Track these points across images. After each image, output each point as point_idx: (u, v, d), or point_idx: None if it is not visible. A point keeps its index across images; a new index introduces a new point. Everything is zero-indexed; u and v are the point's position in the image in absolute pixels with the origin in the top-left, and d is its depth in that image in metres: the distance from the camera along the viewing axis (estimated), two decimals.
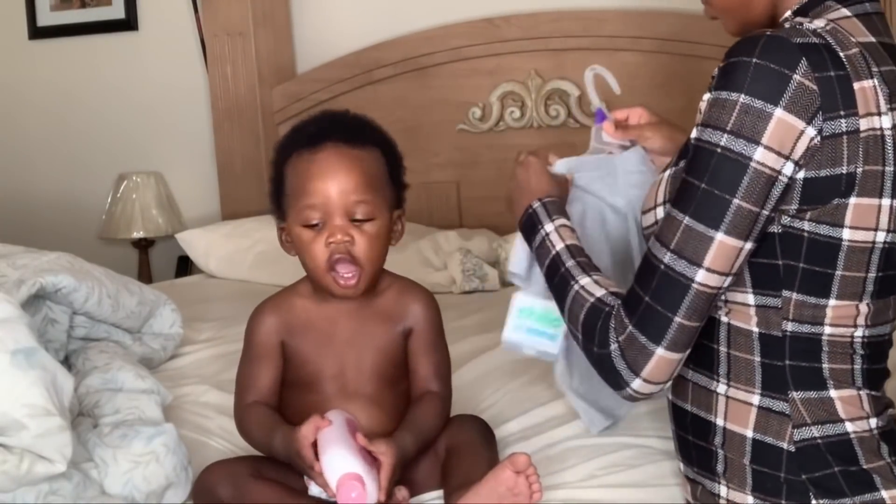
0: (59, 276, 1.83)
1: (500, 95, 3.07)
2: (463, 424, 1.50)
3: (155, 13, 3.59)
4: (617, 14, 2.92)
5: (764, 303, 1.24)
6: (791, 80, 1.15)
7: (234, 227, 3.09)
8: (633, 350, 1.22)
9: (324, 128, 1.47)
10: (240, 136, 3.33)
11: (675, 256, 1.20)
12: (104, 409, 1.58)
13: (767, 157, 1.16)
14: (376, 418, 1.47)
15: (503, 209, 1.60)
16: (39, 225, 3.76)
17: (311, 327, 1.49)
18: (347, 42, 3.28)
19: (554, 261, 1.38)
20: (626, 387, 1.24)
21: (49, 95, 3.76)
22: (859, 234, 1.20)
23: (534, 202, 1.45)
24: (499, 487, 1.29)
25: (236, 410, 1.51)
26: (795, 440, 1.24)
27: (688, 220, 1.19)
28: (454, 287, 2.69)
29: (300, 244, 1.45)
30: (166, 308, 2.11)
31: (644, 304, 1.22)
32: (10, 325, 1.38)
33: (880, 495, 1.22)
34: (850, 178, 1.17)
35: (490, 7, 3.08)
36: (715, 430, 1.29)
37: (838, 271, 1.21)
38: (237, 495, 1.40)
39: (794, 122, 1.15)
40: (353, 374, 1.48)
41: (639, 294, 1.23)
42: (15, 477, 1.30)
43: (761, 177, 1.16)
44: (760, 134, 1.15)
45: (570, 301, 1.32)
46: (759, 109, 1.15)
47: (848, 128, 1.16)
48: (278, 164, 1.48)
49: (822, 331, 1.23)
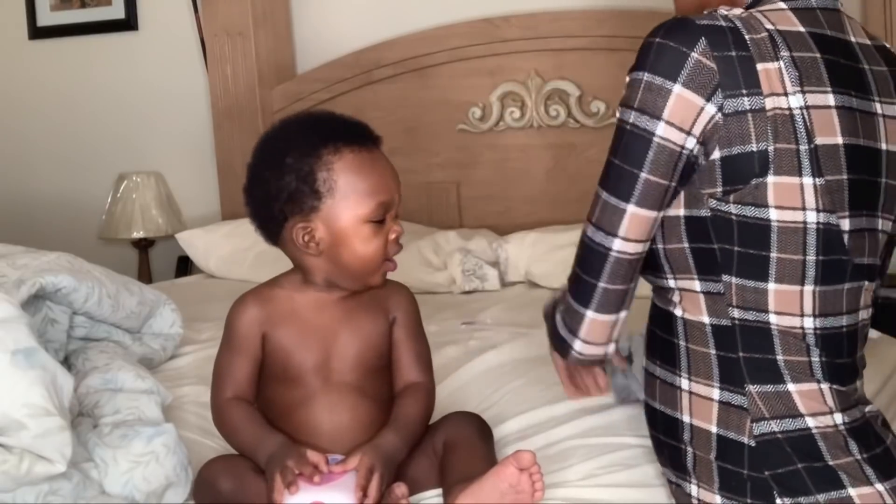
0: (59, 276, 1.82)
1: (500, 95, 3.07)
2: (460, 421, 1.50)
3: (155, 13, 3.59)
4: (617, 14, 2.92)
5: (708, 289, 1.27)
6: (689, 57, 1.21)
7: (234, 227, 3.09)
8: (569, 316, 1.34)
9: (357, 127, 1.48)
10: (240, 136, 3.32)
11: (594, 228, 1.29)
12: (104, 410, 1.58)
13: (669, 131, 1.22)
14: (363, 408, 1.47)
15: (503, 209, 1.60)
16: (39, 225, 3.76)
17: (295, 318, 1.48)
18: (347, 42, 3.28)
19: None
20: (570, 350, 1.36)
21: (49, 95, 3.76)
22: (787, 214, 1.22)
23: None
24: (501, 484, 1.29)
25: (214, 403, 1.50)
26: (755, 434, 1.25)
27: (605, 195, 1.27)
28: (454, 287, 2.69)
29: (351, 236, 1.44)
30: (166, 308, 2.11)
31: (574, 273, 1.33)
32: (9, 325, 1.38)
33: (847, 493, 1.22)
34: (762, 157, 1.20)
35: (490, 7, 3.08)
36: (682, 427, 1.31)
37: (773, 253, 1.23)
38: (237, 488, 1.40)
39: (692, 97, 1.21)
40: (337, 364, 1.48)
41: (574, 268, 1.34)
42: (15, 477, 1.30)
43: (664, 150, 1.22)
44: (661, 110, 1.22)
45: None
46: (658, 86, 1.22)
47: (752, 106, 1.20)
48: (306, 163, 1.43)
49: (768, 319, 1.25)
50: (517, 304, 2.55)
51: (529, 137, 3.04)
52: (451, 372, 1.91)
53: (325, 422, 1.46)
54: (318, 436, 1.44)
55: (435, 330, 2.00)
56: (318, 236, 1.44)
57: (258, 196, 1.46)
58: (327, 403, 1.46)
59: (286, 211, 1.44)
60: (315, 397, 1.46)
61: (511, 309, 2.48)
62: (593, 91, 2.97)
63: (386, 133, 1.53)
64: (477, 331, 2.25)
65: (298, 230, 1.44)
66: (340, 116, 1.50)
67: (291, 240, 1.46)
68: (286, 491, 1.32)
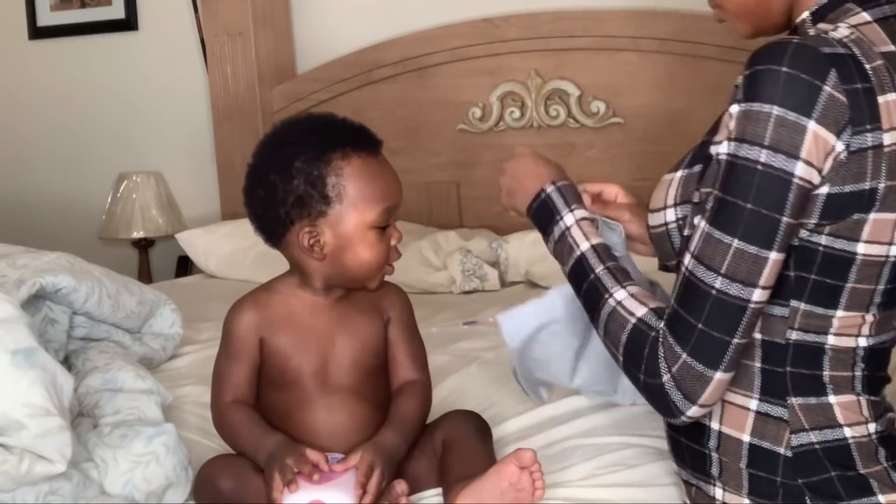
0: (59, 276, 1.82)
1: (500, 95, 3.07)
2: (459, 419, 1.51)
3: (155, 13, 3.59)
4: (617, 14, 2.92)
5: (772, 311, 1.22)
6: (821, 91, 1.11)
7: (234, 227, 3.09)
8: (689, 379, 1.18)
9: (364, 132, 1.47)
10: (240, 136, 3.32)
11: (727, 280, 1.16)
12: (104, 410, 1.58)
13: (806, 171, 1.12)
14: (361, 410, 1.47)
15: (503, 209, 1.60)
16: (39, 225, 3.76)
17: (292, 322, 1.48)
18: (347, 42, 3.28)
19: (580, 263, 1.34)
20: (680, 415, 1.21)
21: (49, 95, 3.76)
22: (874, 249, 1.18)
23: (546, 186, 1.40)
24: (502, 482, 1.29)
25: (214, 408, 1.50)
26: (793, 445, 1.22)
27: (737, 243, 1.15)
28: (454, 287, 2.70)
29: (356, 242, 1.43)
30: (166, 308, 2.11)
31: (697, 331, 1.17)
32: (9, 325, 1.38)
33: (877, 499, 1.21)
34: (871, 194, 1.15)
35: (490, 7, 3.08)
36: (709, 434, 1.28)
37: (849, 283, 1.19)
38: (238, 488, 1.40)
39: (825, 135, 1.12)
40: (335, 367, 1.48)
41: (688, 320, 1.18)
42: (15, 477, 1.30)
43: (801, 191, 1.13)
44: (798, 148, 1.11)
45: (605, 316, 1.28)
46: (793, 122, 1.11)
47: (873, 142, 1.13)
48: (315, 167, 1.42)
49: (826, 340, 1.22)
50: (517, 304, 2.54)
51: (529, 137, 3.04)
52: (451, 372, 1.91)
53: (324, 424, 1.46)
54: (317, 438, 1.44)
55: (436, 331, 2.00)
56: (324, 241, 1.43)
57: (262, 198, 1.45)
58: (325, 406, 1.46)
59: (292, 215, 1.43)
60: (313, 400, 1.46)
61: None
62: (593, 91, 2.97)
63: (386, 133, 1.53)
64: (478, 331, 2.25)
65: (304, 234, 1.43)
66: (344, 120, 1.49)
67: (295, 243, 1.45)
68: (286, 490, 1.32)
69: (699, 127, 3.07)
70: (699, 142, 1.30)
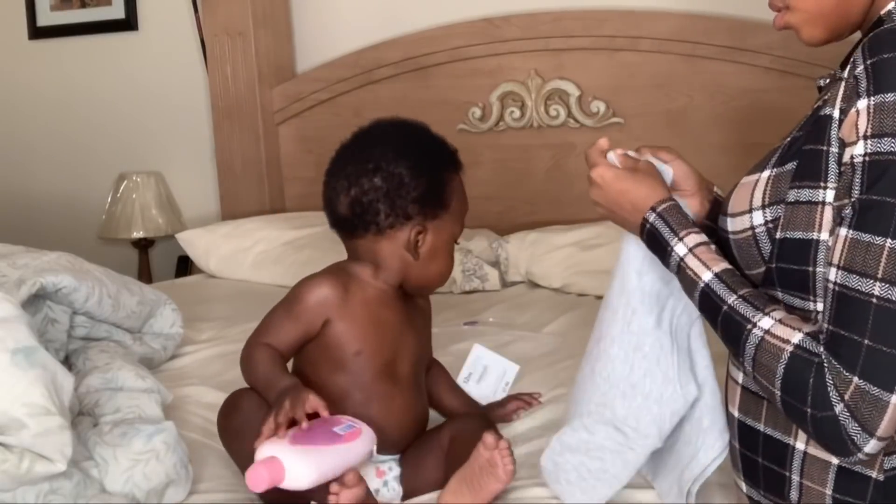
0: (59, 275, 1.83)
1: (500, 95, 3.07)
2: (465, 419, 1.57)
3: (155, 13, 3.59)
4: (617, 14, 2.92)
5: None
6: None
7: (234, 227, 3.09)
8: (865, 406, 1.05)
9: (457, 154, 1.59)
10: (240, 136, 3.33)
11: (887, 285, 1.05)
12: (104, 409, 1.58)
13: None
14: (413, 401, 1.55)
15: (503, 209, 1.61)
16: (39, 225, 3.76)
17: (368, 310, 1.51)
18: (347, 42, 3.28)
19: (707, 297, 1.22)
20: (857, 452, 1.08)
21: (49, 95, 3.76)
22: None
23: (648, 215, 1.29)
24: (475, 464, 1.36)
25: (248, 344, 1.51)
26: (885, 468, 1.14)
27: (891, 243, 1.05)
28: (454, 287, 2.70)
29: (443, 251, 1.54)
30: (167, 308, 2.12)
31: (864, 348, 1.05)
32: (10, 325, 1.38)
33: None
34: None
35: (490, 7, 3.08)
36: (793, 454, 1.20)
37: None
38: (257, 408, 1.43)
39: None
40: (400, 360, 1.53)
41: (851, 339, 1.07)
42: (15, 476, 1.30)
43: None
44: None
45: (751, 349, 1.16)
46: None
47: None
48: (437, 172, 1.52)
49: None
50: (517, 304, 2.55)
51: (529, 137, 3.04)
52: (453, 373, 1.91)
53: (378, 412, 1.49)
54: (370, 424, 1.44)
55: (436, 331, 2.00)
56: (427, 242, 1.51)
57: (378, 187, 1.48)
58: (383, 395, 1.50)
59: (411, 210, 1.49)
60: (374, 389, 1.50)
61: (511, 309, 2.49)
62: (593, 91, 2.97)
63: None
64: (478, 331, 2.26)
65: (416, 231, 1.50)
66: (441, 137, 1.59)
67: (400, 238, 1.50)
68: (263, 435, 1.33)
69: (699, 127, 3.07)
70: (786, 139, 1.22)
